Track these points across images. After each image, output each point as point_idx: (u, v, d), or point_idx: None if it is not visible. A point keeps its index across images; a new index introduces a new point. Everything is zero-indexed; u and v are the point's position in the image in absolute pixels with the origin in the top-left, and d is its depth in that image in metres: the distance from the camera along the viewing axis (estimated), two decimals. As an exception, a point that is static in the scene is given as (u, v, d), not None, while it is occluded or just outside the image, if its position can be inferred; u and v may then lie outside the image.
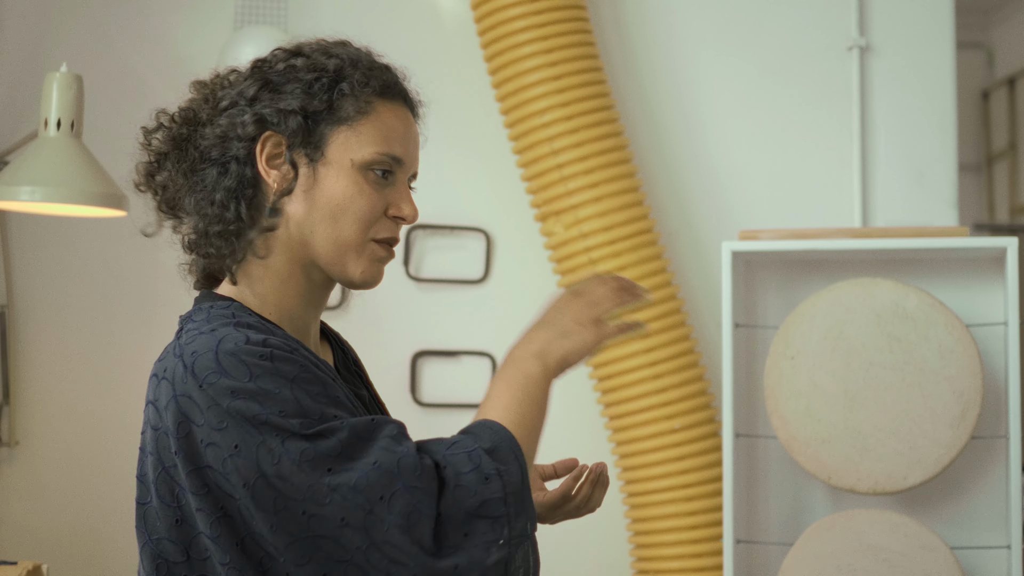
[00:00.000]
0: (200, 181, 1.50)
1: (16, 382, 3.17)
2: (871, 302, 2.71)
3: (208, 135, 1.51)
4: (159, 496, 1.42)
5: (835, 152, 3.41)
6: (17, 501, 3.17)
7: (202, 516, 1.38)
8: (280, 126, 1.49)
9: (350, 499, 1.32)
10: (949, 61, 3.42)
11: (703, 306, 3.35)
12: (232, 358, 1.38)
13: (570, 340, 1.49)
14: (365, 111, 1.51)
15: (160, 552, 1.42)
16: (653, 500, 3.10)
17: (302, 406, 1.36)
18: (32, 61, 3.22)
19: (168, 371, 1.41)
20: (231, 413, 1.35)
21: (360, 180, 1.50)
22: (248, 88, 1.51)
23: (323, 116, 1.49)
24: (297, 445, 1.34)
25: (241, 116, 1.50)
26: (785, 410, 2.72)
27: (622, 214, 3.14)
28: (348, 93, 1.50)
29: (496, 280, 3.38)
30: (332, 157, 1.49)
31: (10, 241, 3.19)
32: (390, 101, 1.53)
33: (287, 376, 1.38)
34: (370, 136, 1.50)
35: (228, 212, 1.48)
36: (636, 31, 3.43)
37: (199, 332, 1.43)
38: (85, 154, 2.72)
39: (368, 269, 1.52)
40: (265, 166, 1.49)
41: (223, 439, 1.35)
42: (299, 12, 3.33)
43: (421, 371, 3.35)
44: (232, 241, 1.49)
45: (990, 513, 2.81)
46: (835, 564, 2.68)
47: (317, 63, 1.51)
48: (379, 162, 1.50)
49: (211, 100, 1.54)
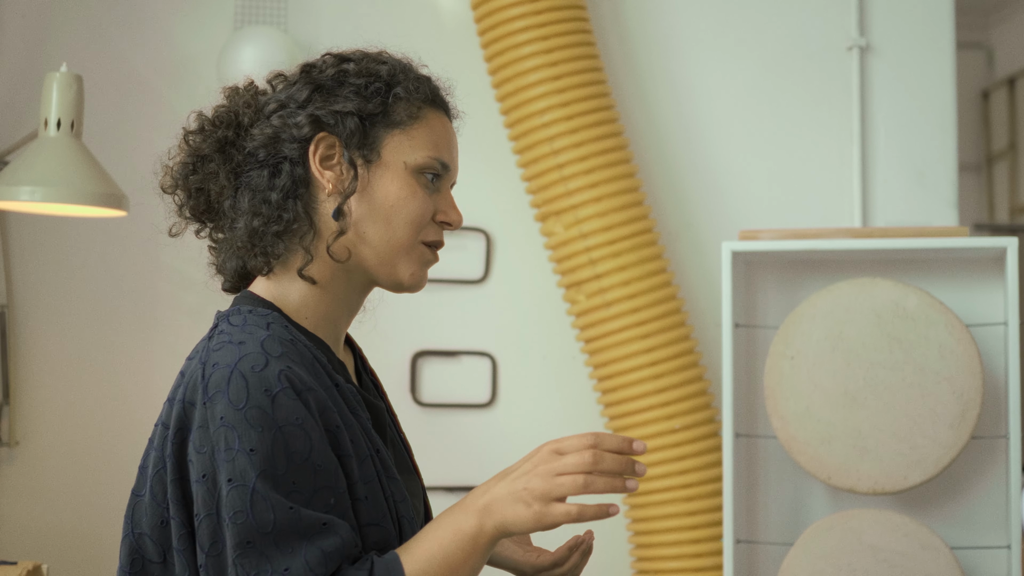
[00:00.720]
0: (248, 183, 1.51)
1: (16, 382, 3.17)
2: (871, 302, 2.71)
3: (257, 136, 1.51)
4: (152, 493, 1.42)
5: (835, 152, 3.41)
6: (17, 501, 3.17)
7: (175, 525, 1.39)
8: (336, 127, 1.50)
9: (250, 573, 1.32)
10: (949, 61, 3.42)
11: (703, 306, 3.35)
12: (241, 380, 1.37)
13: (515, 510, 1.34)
14: (417, 116, 1.53)
15: (139, 547, 1.43)
16: (653, 500, 3.10)
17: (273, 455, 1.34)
18: (32, 61, 3.22)
19: (190, 374, 1.42)
20: (212, 441, 1.36)
21: (413, 183, 1.52)
22: (298, 92, 1.52)
23: (378, 119, 1.51)
24: (236, 502, 1.33)
25: (294, 117, 1.50)
26: (785, 410, 2.72)
27: (622, 214, 3.14)
28: (403, 98, 1.52)
29: (496, 280, 3.38)
30: (387, 159, 1.51)
31: (10, 241, 3.19)
32: (437, 110, 1.57)
33: (277, 421, 1.36)
34: (422, 141, 1.53)
35: (286, 212, 1.49)
36: (636, 31, 3.43)
37: (228, 340, 1.42)
38: (85, 154, 2.72)
39: (417, 272, 1.54)
40: (319, 167, 1.50)
41: (198, 463, 1.36)
42: (299, 12, 3.33)
43: (421, 371, 3.35)
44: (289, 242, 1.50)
45: (990, 513, 2.81)
46: (835, 564, 2.68)
47: (369, 68, 1.53)
48: (431, 166, 1.53)
49: (253, 104, 1.54)
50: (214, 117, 1.54)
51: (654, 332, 3.11)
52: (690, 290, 3.36)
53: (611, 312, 3.11)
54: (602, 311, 3.12)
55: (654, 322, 3.11)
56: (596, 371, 3.19)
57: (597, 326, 3.14)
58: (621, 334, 3.11)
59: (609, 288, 3.12)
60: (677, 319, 3.16)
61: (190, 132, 1.55)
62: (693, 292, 3.36)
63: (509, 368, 3.36)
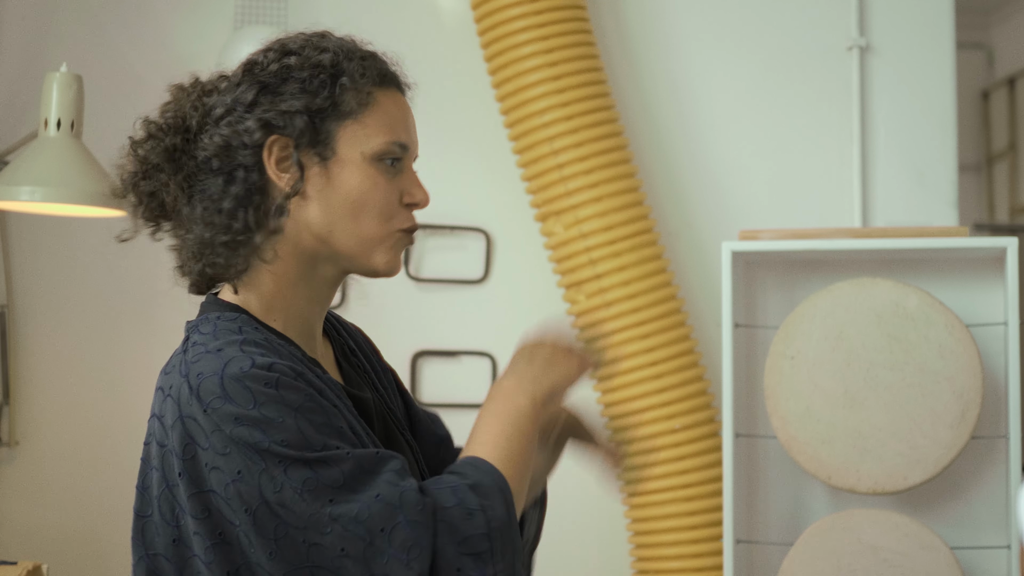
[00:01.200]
0: (203, 191, 1.49)
1: (16, 382, 3.17)
2: (871, 302, 2.71)
3: (207, 145, 1.48)
4: (160, 513, 1.41)
5: (835, 152, 3.41)
6: (17, 501, 3.17)
7: (199, 540, 1.37)
8: (286, 128, 1.47)
9: (351, 530, 1.32)
10: (949, 61, 3.42)
11: (703, 306, 3.35)
12: (237, 384, 1.36)
13: (556, 371, 1.50)
14: (367, 102, 1.50)
15: (155, 568, 1.42)
16: (653, 500, 3.10)
17: (305, 436, 1.35)
18: (32, 61, 3.22)
19: (174, 389, 1.40)
20: (234, 439, 1.34)
21: (373, 172, 1.49)
22: (244, 93, 1.49)
23: (328, 113, 1.48)
24: (300, 473, 1.33)
25: (243, 123, 1.47)
26: (785, 410, 2.72)
27: (622, 214, 3.14)
28: (349, 87, 1.49)
29: (496, 280, 3.38)
30: (342, 153, 1.48)
31: (10, 241, 3.19)
32: (387, 88, 1.53)
33: (291, 405, 1.36)
34: (376, 127, 1.50)
35: (236, 222, 1.47)
36: (636, 31, 3.43)
37: (205, 350, 1.41)
38: (85, 154, 2.72)
39: (392, 259, 1.52)
40: (276, 170, 1.48)
41: (226, 464, 1.34)
42: (299, 12, 3.33)
43: (421, 371, 3.34)
44: (238, 251, 1.48)
45: (990, 513, 2.81)
46: (835, 564, 2.68)
47: (311, 59, 1.50)
48: (389, 151, 1.50)
49: (200, 108, 1.51)
50: (162, 123, 1.51)
51: (654, 332, 3.11)
52: (690, 290, 3.36)
53: (611, 312, 3.11)
54: (602, 311, 3.12)
55: (654, 322, 3.11)
56: (596, 371, 3.18)
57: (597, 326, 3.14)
58: (621, 334, 3.11)
59: (609, 288, 3.12)
60: (677, 319, 3.16)
61: (136, 142, 1.53)
62: (693, 292, 3.36)
63: (509, 368, 3.35)
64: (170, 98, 1.55)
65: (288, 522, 1.33)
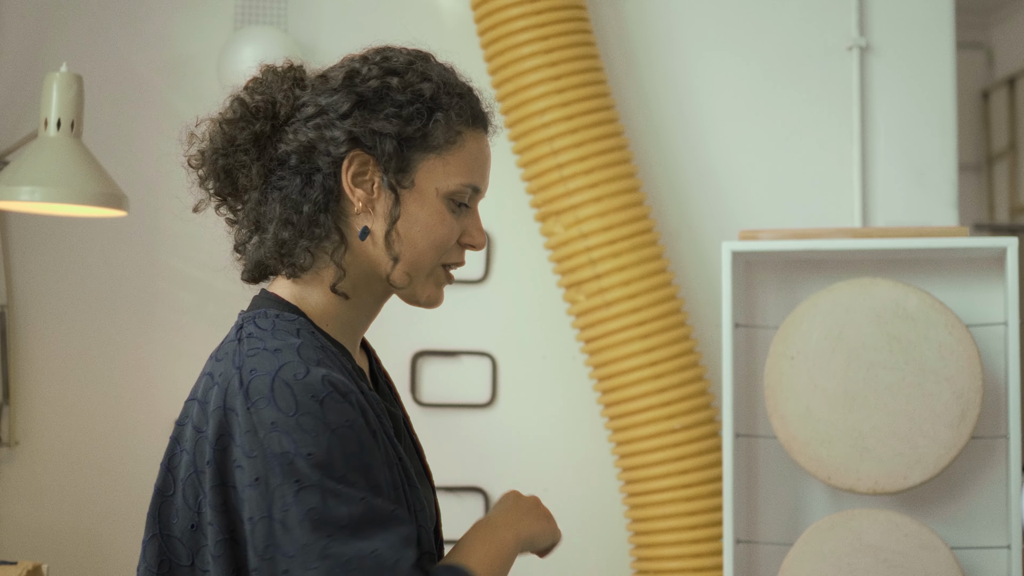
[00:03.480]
0: (281, 188, 1.49)
1: (16, 382, 3.17)
2: (871, 302, 2.71)
3: (291, 141, 1.49)
4: (184, 496, 1.41)
5: (835, 152, 3.41)
6: (17, 501, 3.17)
7: (212, 531, 1.38)
8: (373, 148, 1.48)
9: (335, 573, 1.31)
10: (949, 61, 3.42)
11: (703, 306, 3.35)
12: (286, 388, 1.37)
13: (542, 524, 1.55)
14: (455, 141, 1.50)
15: (169, 549, 1.42)
16: (653, 500, 3.10)
17: (331, 457, 1.35)
18: (32, 61, 3.22)
19: (223, 378, 1.41)
20: (264, 445, 1.35)
21: (443, 209, 1.50)
22: (339, 101, 1.49)
23: (416, 143, 1.49)
24: (309, 501, 1.33)
25: (331, 131, 1.48)
26: (785, 410, 2.72)
27: (622, 214, 3.14)
28: (443, 122, 1.50)
29: (496, 280, 3.38)
30: (419, 185, 1.49)
31: (10, 241, 3.19)
32: (475, 129, 1.54)
33: (330, 425, 1.36)
34: (457, 167, 1.50)
35: (318, 227, 1.48)
36: (636, 31, 3.43)
37: (263, 347, 1.42)
38: (85, 154, 2.72)
39: (434, 293, 1.54)
40: (350, 183, 1.48)
41: (249, 467, 1.35)
42: (299, 12, 3.33)
43: (421, 371, 3.35)
44: (318, 254, 1.49)
45: (990, 513, 2.81)
46: (835, 564, 2.68)
47: (413, 85, 1.50)
48: (462, 193, 1.51)
49: (291, 98, 1.51)
50: (252, 106, 1.51)
51: (654, 332, 3.11)
52: (690, 290, 3.36)
53: (611, 312, 3.11)
54: (602, 311, 3.12)
55: (654, 322, 3.11)
56: (596, 371, 3.19)
57: (597, 326, 3.14)
58: (621, 334, 3.11)
59: (609, 288, 3.12)
60: (677, 319, 3.16)
61: (227, 120, 1.51)
62: (693, 292, 3.36)
63: (509, 368, 3.36)
64: (259, 77, 1.53)
65: (279, 544, 1.33)
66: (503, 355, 3.36)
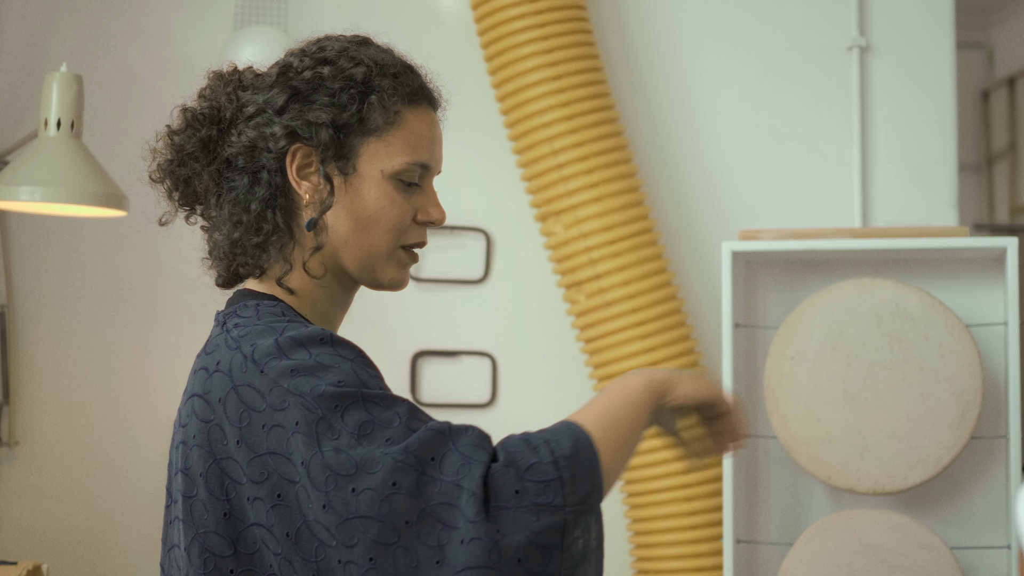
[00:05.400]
0: (231, 188, 1.51)
1: (16, 382, 3.17)
2: (871, 302, 2.71)
3: (235, 143, 1.50)
4: (208, 489, 1.41)
5: (835, 152, 3.41)
6: (17, 501, 3.17)
7: (259, 505, 1.37)
8: (311, 139, 1.48)
9: (400, 460, 1.31)
10: (949, 61, 3.42)
11: (703, 306, 3.35)
12: (292, 342, 1.39)
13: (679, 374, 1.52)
14: (394, 121, 1.51)
15: (207, 545, 1.41)
16: (653, 500, 3.10)
17: (360, 378, 1.37)
18: (32, 61, 3.22)
19: (223, 364, 1.42)
20: (292, 391, 1.36)
21: (391, 190, 1.50)
22: (275, 97, 1.50)
23: (353, 128, 1.49)
24: (356, 416, 1.34)
25: (270, 127, 1.49)
26: (785, 410, 2.72)
27: (622, 214, 3.14)
28: (377, 105, 1.50)
29: (496, 280, 3.38)
30: (363, 169, 1.50)
31: (10, 241, 3.19)
32: (417, 107, 1.53)
33: (346, 356, 1.39)
34: (399, 146, 1.50)
35: (265, 223, 1.49)
36: (636, 31, 3.43)
37: (253, 327, 1.43)
38: (85, 154, 2.72)
39: (396, 275, 1.54)
40: (296, 177, 1.50)
41: (285, 418, 1.35)
42: (299, 12, 3.33)
43: (421, 371, 3.35)
44: (269, 251, 1.50)
45: (990, 513, 2.81)
46: (835, 564, 2.68)
47: (344, 71, 1.50)
48: (408, 171, 1.51)
49: (234, 101, 1.53)
50: (198, 113, 1.53)
51: (654, 332, 3.11)
52: (690, 290, 3.36)
53: (611, 312, 3.11)
54: (602, 311, 3.12)
55: (654, 322, 3.11)
56: (596, 371, 3.19)
57: (597, 326, 3.14)
58: (621, 334, 3.11)
59: (609, 288, 3.12)
60: (677, 319, 3.16)
61: (173, 130, 1.54)
62: (693, 292, 3.36)
63: (509, 368, 3.36)
64: (207, 84, 1.56)
65: (339, 471, 1.32)
66: (503, 355, 3.36)
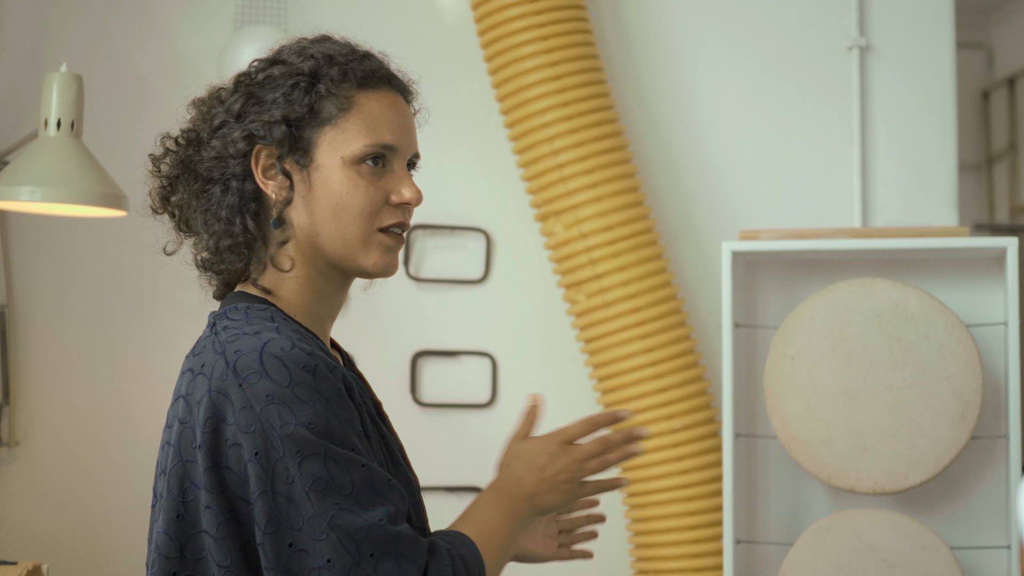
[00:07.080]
0: (207, 201, 1.52)
1: (16, 382, 3.17)
2: (871, 302, 2.72)
3: (205, 157, 1.52)
4: (168, 488, 1.42)
5: (835, 152, 3.41)
6: (17, 501, 3.17)
7: (210, 514, 1.39)
8: (267, 138, 1.50)
9: (344, 544, 1.34)
10: (949, 61, 3.42)
11: (703, 306, 3.35)
12: (276, 361, 1.39)
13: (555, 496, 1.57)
14: (346, 107, 1.51)
15: (158, 544, 1.43)
16: (653, 500, 3.10)
17: (329, 424, 1.38)
18: (32, 61, 3.22)
19: (207, 367, 1.42)
20: (261, 419, 1.36)
21: (354, 175, 1.50)
22: (234, 104, 1.52)
23: (306, 120, 1.50)
24: (313, 471, 1.35)
25: (232, 134, 1.51)
26: (785, 410, 2.72)
27: (622, 214, 3.14)
28: (326, 93, 1.51)
29: (496, 280, 3.38)
30: (322, 159, 1.50)
31: (10, 241, 3.19)
32: (373, 90, 1.53)
33: (323, 393, 1.39)
34: (355, 130, 1.51)
35: (235, 226, 1.50)
36: (636, 31, 3.43)
37: (242, 332, 1.44)
38: (85, 154, 2.72)
39: (380, 259, 1.53)
40: (262, 178, 1.51)
41: (248, 442, 1.37)
42: (299, 12, 3.33)
43: (421, 371, 3.34)
44: (244, 253, 1.51)
45: (990, 513, 2.81)
46: (835, 564, 2.68)
47: (293, 68, 1.52)
48: (369, 154, 1.51)
49: (208, 119, 1.55)
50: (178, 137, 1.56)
51: (654, 332, 3.11)
52: (690, 290, 3.36)
53: (611, 312, 3.11)
54: (602, 311, 3.12)
55: (654, 322, 3.11)
56: (596, 371, 3.19)
57: (597, 326, 3.14)
58: (621, 334, 3.11)
59: (609, 288, 3.12)
60: (677, 319, 3.16)
61: (156, 158, 1.57)
62: (693, 292, 3.36)
63: (509, 368, 3.36)
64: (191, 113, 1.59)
65: (284, 519, 1.34)
66: (503, 355, 3.36)
